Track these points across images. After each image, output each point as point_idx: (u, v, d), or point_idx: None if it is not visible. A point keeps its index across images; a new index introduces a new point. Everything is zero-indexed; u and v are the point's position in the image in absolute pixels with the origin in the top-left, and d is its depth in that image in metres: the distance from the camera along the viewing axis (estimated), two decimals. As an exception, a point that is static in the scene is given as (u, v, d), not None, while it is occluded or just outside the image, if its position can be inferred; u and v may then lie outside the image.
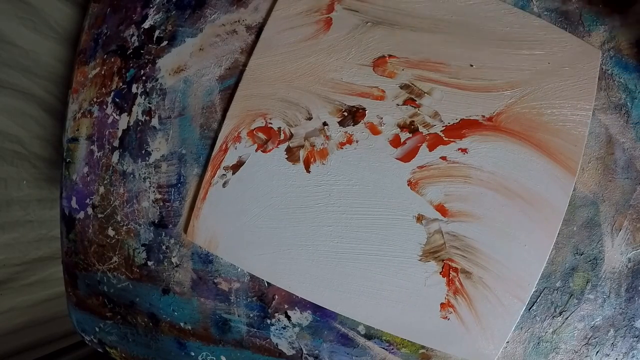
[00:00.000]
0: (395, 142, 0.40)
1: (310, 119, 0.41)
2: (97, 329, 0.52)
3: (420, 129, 0.40)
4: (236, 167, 0.42)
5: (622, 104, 0.40)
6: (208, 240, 0.43)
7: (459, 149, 0.39)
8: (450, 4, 0.41)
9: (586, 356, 0.41)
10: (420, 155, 0.40)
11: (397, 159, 0.40)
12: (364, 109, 0.41)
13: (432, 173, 0.39)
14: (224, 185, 0.43)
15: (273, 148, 0.42)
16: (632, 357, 0.40)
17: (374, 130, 0.40)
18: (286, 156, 0.42)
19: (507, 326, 0.38)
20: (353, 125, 0.41)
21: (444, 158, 0.39)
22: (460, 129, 0.39)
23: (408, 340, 0.41)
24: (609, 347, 0.40)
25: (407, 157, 0.40)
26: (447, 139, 0.39)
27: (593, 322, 0.40)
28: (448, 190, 0.39)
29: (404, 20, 0.41)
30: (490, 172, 0.39)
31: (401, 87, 0.40)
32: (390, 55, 0.41)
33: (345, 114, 0.41)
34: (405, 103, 0.40)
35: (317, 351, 0.43)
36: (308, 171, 0.41)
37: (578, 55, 0.39)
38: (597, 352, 0.40)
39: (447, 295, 0.39)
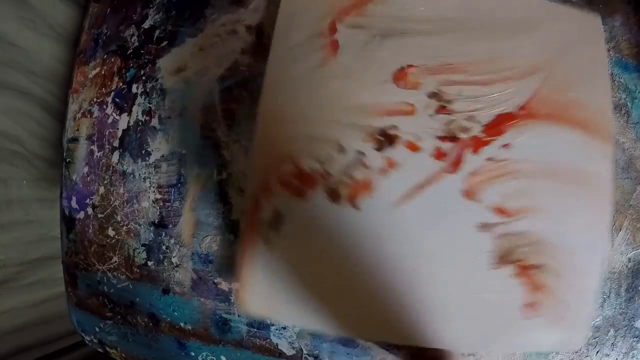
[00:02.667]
0: (438, 154, 0.38)
1: (343, 151, 0.39)
2: (97, 329, 0.52)
3: (459, 135, 0.38)
4: (276, 223, 0.39)
5: (622, 104, 0.40)
6: (266, 309, 0.40)
7: (501, 146, 0.38)
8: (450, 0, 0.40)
9: (586, 356, 0.41)
10: (466, 162, 0.38)
11: (444, 172, 0.38)
12: (397, 128, 0.38)
13: (483, 177, 0.38)
14: (267, 245, 0.39)
15: (311, 192, 0.38)
16: (632, 357, 0.40)
17: (413, 147, 0.38)
18: (328, 197, 0.38)
19: (589, 307, 0.38)
20: (391, 148, 0.38)
21: (490, 159, 0.38)
22: (498, 125, 0.38)
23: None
24: (609, 347, 0.40)
25: (453, 167, 0.38)
26: (488, 138, 0.38)
27: (593, 322, 0.40)
28: (503, 190, 0.38)
29: (412, 26, 0.40)
30: (536, 161, 0.38)
31: (429, 97, 0.39)
32: (409, 66, 0.39)
33: (380, 137, 0.38)
34: (438, 112, 0.39)
35: (317, 351, 0.43)
36: (356, 208, 0.38)
37: (581, 27, 0.39)
38: (597, 352, 0.40)
39: (528, 294, 0.38)
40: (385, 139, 0.39)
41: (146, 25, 0.48)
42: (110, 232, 0.48)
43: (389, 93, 0.39)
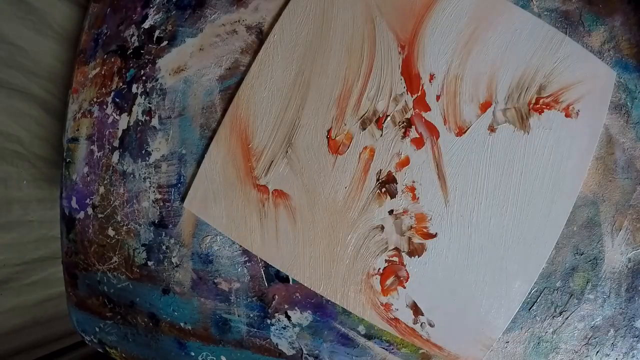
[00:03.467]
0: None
1: (381, 228, 0.41)
2: (97, 329, 0.52)
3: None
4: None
5: (622, 104, 0.40)
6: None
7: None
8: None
9: (586, 356, 0.41)
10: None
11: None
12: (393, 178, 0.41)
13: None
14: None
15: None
16: (632, 357, 0.40)
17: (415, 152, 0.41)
18: None
19: None
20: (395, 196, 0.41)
21: None
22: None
23: (408, 340, 0.41)
24: (609, 347, 0.40)
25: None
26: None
27: (593, 322, 0.40)
28: None
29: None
30: None
31: (364, 126, 0.41)
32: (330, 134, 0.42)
33: (385, 195, 0.41)
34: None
35: (317, 351, 0.43)
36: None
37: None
38: (597, 352, 0.40)
39: None
40: (387, 187, 0.41)
41: (146, 25, 0.48)
42: (110, 232, 0.48)
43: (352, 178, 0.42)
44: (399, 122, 0.41)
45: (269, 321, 0.43)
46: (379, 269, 0.40)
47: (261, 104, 0.43)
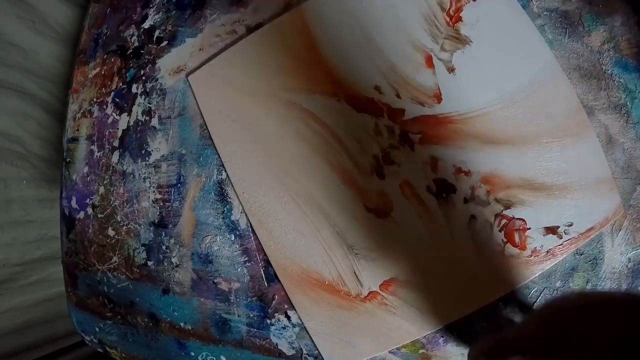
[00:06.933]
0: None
1: (473, 217, 0.40)
2: (97, 329, 0.52)
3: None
4: None
5: (622, 104, 0.40)
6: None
7: None
8: None
9: (586, 356, 0.41)
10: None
11: None
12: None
13: None
14: None
15: None
16: (632, 357, 0.40)
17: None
18: None
19: None
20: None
21: None
22: None
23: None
24: (609, 347, 0.40)
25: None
26: None
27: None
28: None
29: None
30: None
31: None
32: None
33: (448, 195, 0.40)
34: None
35: (317, 351, 0.43)
36: None
37: None
38: (597, 352, 0.40)
39: None
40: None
41: (146, 25, 0.48)
42: (110, 232, 0.48)
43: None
44: (398, 142, 0.40)
45: (268, 321, 0.43)
46: (502, 240, 0.39)
47: (296, 248, 0.42)
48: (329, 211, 0.41)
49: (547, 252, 0.39)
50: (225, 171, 0.43)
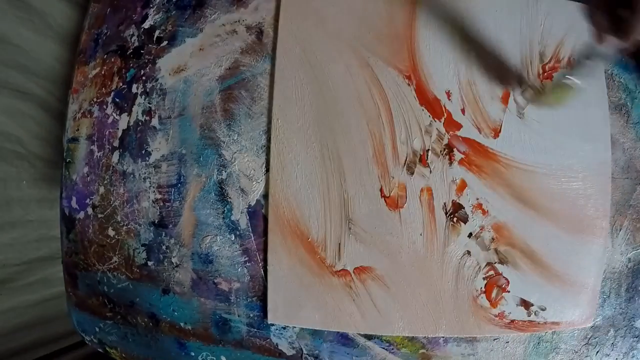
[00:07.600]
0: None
1: (468, 253, 0.41)
2: (97, 329, 0.52)
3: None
4: None
5: (622, 104, 0.40)
6: None
7: None
8: None
9: (586, 356, 0.41)
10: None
11: None
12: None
13: None
14: None
15: None
16: (632, 357, 0.41)
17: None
18: None
19: None
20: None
21: None
22: None
23: (408, 340, 0.41)
24: (609, 347, 0.40)
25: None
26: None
27: (593, 322, 0.40)
28: None
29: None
30: None
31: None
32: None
33: (459, 222, 0.41)
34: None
35: (317, 351, 0.43)
36: None
37: None
38: (597, 352, 0.40)
39: None
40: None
41: (146, 25, 0.48)
42: (110, 232, 0.48)
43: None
44: (440, 151, 0.40)
45: (268, 321, 0.43)
46: (481, 288, 0.40)
47: (300, 194, 0.41)
48: (347, 177, 0.41)
49: (511, 321, 0.40)
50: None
